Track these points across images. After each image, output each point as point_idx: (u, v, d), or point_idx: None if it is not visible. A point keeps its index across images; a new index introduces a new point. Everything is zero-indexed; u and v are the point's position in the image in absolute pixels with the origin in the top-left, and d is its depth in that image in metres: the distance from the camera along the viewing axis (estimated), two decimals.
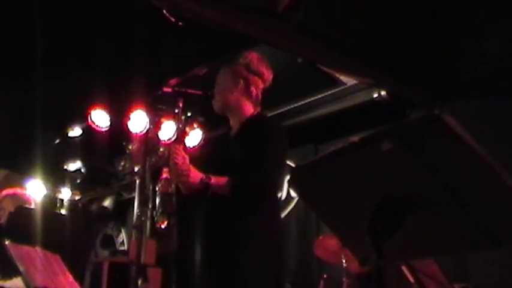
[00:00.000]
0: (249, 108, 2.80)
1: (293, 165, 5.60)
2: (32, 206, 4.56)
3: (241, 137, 2.72)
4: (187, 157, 2.60)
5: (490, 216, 1.28)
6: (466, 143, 1.18)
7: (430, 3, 4.34)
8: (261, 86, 2.84)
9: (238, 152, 2.66)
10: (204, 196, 2.59)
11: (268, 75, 2.85)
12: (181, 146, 2.68)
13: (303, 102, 5.80)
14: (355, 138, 1.30)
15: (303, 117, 5.84)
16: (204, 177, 2.56)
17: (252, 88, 2.81)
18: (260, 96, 2.85)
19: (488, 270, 4.04)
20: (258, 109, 2.84)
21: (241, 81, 2.79)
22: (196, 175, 2.56)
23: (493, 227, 1.29)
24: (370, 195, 1.41)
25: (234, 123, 2.82)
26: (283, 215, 6.12)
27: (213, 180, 2.56)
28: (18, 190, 4.73)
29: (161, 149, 5.55)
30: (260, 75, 2.83)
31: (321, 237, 4.83)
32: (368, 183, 1.42)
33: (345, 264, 4.40)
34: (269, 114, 4.37)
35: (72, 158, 7.54)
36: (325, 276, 4.75)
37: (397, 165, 1.30)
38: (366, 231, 1.40)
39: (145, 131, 5.13)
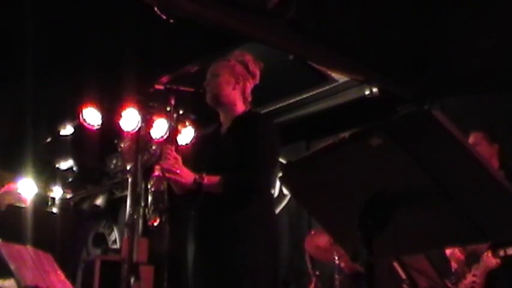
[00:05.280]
0: (241, 107, 2.81)
1: (284, 162, 5.60)
2: (25, 205, 4.55)
3: (232, 133, 2.72)
4: (179, 158, 2.60)
5: (479, 210, 1.29)
6: (455, 138, 1.19)
7: (421, 1, 4.36)
8: (252, 87, 2.85)
9: (229, 148, 2.66)
10: (197, 195, 2.58)
11: (258, 78, 2.87)
12: (173, 147, 2.68)
13: (294, 100, 5.81)
14: (345, 134, 1.30)
15: (295, 114, 5.85)
16: (197, 177, 2.55)
17: (248, 88, 2.82)
18: (251, 97, 2.86)
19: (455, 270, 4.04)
20: (248, 107, 2.85)
21: (241, 80, 2.79)
22: (188, 176, 2.56)
23: (482, 221, 1.30)
24: (360, 191, 1.42)
25: (225, 119, 2.82)
26: (276, 212, 6.12)
27: (206, 179, 2.55)
28: (13, 187, 4.71)
29: (153, 147, 5.54)
30: (254, 77, 2.85)
31: (312, 232, 4.83)
32: (358, 178, 1.42)
33: (337, 261, 4.41)
34: (261, 112, 4.37)
35: (64, 156, 7.52)
36: (317, 273, 4.76)
37: (387, 161, 1.31)
38: (356, 226, 1.40)
39: (137, 129, 5.11)
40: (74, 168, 7.74)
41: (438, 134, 1.19)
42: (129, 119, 5.13)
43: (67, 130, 6.45)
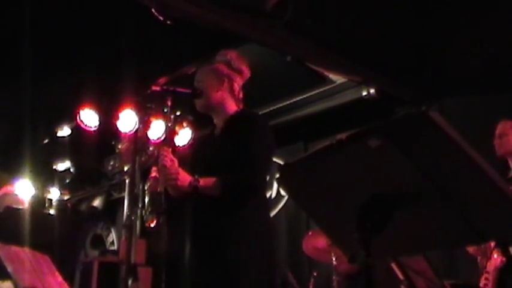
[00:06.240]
0: (233, 106, 2.79)
1: (282, 163, 5.60)
2: (23, 207, 4.54)
3: (226, 134, 2.71)
4: (175, 160, 2.59)
5: (477, 211, 1.29)
6: (452, 139, 1.19)
7: (419, 2, 4.37)
8: (241, 83, 2.83)
9: (224, 149, 2.65)
10: (192, 196, 2.58)
11: (247, 73, 2.85)
12: (170, 149, 2.67)
13: (292, 101, 5.81)
14: (342, 135, 1.30)
15: (293, 116, 5.85)
16: (193, 180, 2.55)
17: (235, 86, 2.80)
18: (241, 94, 2.84)
19: (477, 267, 4.05)
20: (241, 106, 2.83)
21: (226, 80, 2.78)
22: (185, 178, 2.55)
23: (479, 222, 1.30)
24: (358, 192, 1.42)
25: (218, 121, 2.81)
26: (273, 213, 6.13)
27: (202, 182, 2.55)
28: (11, 188, 4.70)
29: (150, 148, 5.53)
30: (240, 73, 2.82)
31: (310, 233, 4.83)
32: (356, 180, 1.42)
33: (334, 262, 4.40)
34: (259, 113, 4.37)
35: (61, 157, 7.51)
36: (315, 274, 4.76)
37: (384, 162, 1.31)
38: (354, 228, 1.40)
39: (134, 130, 5.11)
40: (72, 170, 7.73)
41: (436, 135, 1.19)
42: (127, 120, 5.13)
43: (64, 131, 6.45)
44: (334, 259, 4.41)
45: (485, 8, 4.32)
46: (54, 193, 8.14)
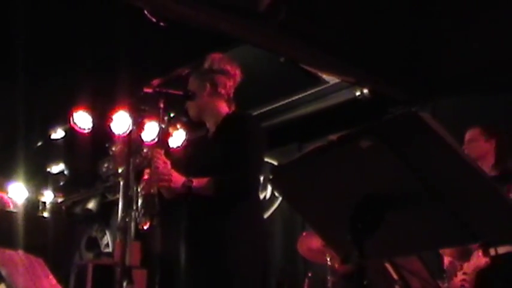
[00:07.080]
0: (223, 108, 2.79)
1: (275, 164, 5.60)
2: (11, 209, 4.52)
3: (218, 137, 2.72)
4: (168, 162, 2.59)
5: (469, 211, 1.29)
6: (443, 139, 1.19)
7: (412, 2, 4.38)
8: (230, 83, 2.81)
9: (217, 151, 2.66)
10: (185, 197, 2.58)
11: (234, 70, 2.82)
12: (163, 151, 2.67)
13: (286, 101, 5.81)
14: (334, 136, 1.30)
15: (287, 116, 5.85)
16: (186, 181, 2.55)
17: (220, 88, 2.79)
18: (231, 94, 2.83)
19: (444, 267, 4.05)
20: (233, 107, 2.82)
21: (208, 84, 2.77)
22: (177, 179, 2.55)
23: (472, 222, 1.30)
24: (350, 193, 1.42)
25: (211, 125, 2.82)
26: (268, 214, 6.13)
27: (195, 182, 2.55)
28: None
29: (144, 150, 5.53)
30: (225, 73, 2.81)
31: (304, 234, 4.83)
32: (348, 181, 1.42)
33: (329, 263, 4.40)
34: (253, 114, 4.37)
35: (55, 160, 7.49)
36: (310, 274, 4.76)
37: (376, 163, 1.31)
38: (347, 229, 1.40)
39: (128, 132, 5.11)
40: (66, 172, 7.71)
41: (426, 135, 1.19)
42: (120, 122, 5.13)
43: (58, 134, 6.43)
44: (328, 260, 4.41)
45: (479, 8, 4.34)
46: (48, 196, 8.12)
